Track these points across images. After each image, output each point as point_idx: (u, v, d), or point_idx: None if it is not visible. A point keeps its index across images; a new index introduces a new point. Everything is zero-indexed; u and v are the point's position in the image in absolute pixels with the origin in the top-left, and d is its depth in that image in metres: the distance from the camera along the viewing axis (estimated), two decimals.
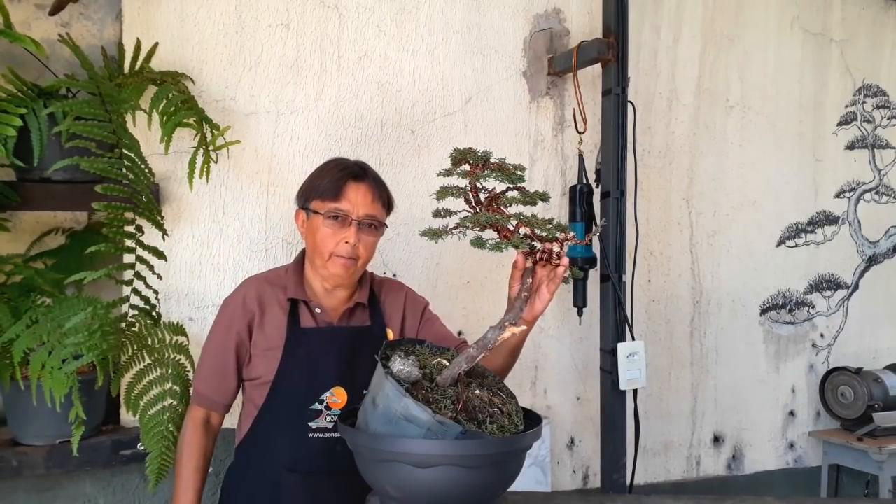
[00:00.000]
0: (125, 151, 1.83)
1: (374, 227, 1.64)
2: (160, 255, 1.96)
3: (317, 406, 1.59)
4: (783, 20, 3.23)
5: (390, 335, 1.73)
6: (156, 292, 1.99)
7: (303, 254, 1.72)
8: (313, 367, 1.60)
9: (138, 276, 1.92)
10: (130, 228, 1.86)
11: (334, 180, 1.61)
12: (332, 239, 1.59)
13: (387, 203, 1.69)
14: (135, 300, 1.94)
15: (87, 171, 1.74)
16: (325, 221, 1.59)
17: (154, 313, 2.00)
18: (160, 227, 1.99)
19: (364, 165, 1.68)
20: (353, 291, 1.70)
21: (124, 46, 2.08)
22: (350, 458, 1.27)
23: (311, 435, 1.58)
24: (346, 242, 1.59)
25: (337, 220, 1.59)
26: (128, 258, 1.91)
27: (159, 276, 1.99)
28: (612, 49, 2.42)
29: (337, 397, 1.60)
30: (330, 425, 1.59)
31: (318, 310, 1.66)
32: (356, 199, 1.60)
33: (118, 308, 1.89)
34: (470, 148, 1.26)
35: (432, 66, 2.54)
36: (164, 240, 2.04)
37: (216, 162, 2.10)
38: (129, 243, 1.86)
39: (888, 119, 3.51)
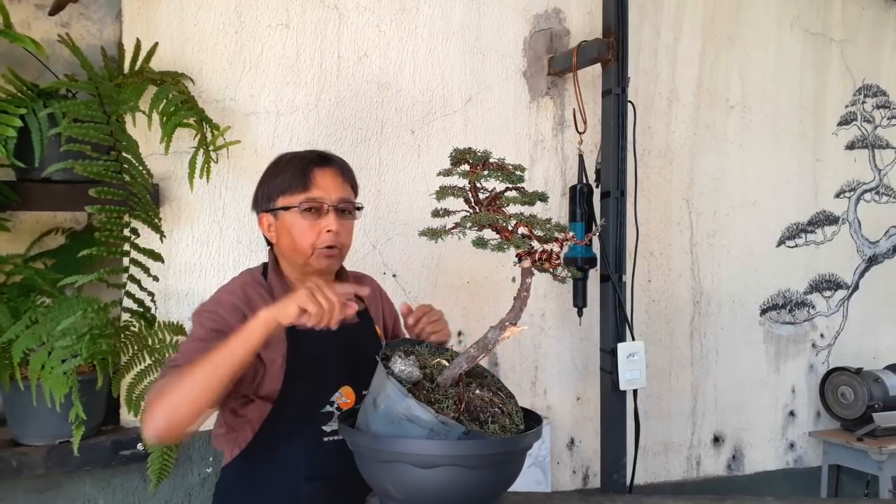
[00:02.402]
0: (123, 153, 1.83)
1: (349, 211, 1.58)
2: (157, 256, 1.95)
3: (328, 408, 1.54)
4: (783, 20, 3.23)
5: (378, 331, 1.71)
6: (151, 294, 1.97)
7: (274, 257, 1.64)
8: (319, 369, 1.55)
9: (132, 278, 1.91)
10: (126, 231, 1.85)
11: (298, 171, 1.54)
12: (312, 231, 1.52)
13: (354, 185, 1.63)
14: (130, 303, 1.93)
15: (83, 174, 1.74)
16: (301, 214, 1.52)
17: (149, 315, 1.98)
18: (157, 229, 1.98)
19: (322, 151, 1.61)
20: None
21: (124, 46, 2.08)
22: None
23: (325, 439, 1.53)
24: (329, 231, 1.52)
25: (312, 212, 1.52)
26: (124, 260, 1.91)
27: (155, 279, 1.98)
28: (612, 49, 2.42)
29: (346, 397, 1.56)
30: None
31: None
32: (326, 185, 1.54)
33: (115, 309, 1.89)
34: (470, 148, 1.26)
35: (432, 66, 2.54)
36: (161, 241, 2.04)
37: (216, 162, 2.10)
38: (125, 246, 1.86)
39: (888, 119, 3.52)
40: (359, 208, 1.62)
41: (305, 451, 1.52)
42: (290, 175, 1.54)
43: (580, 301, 2.58)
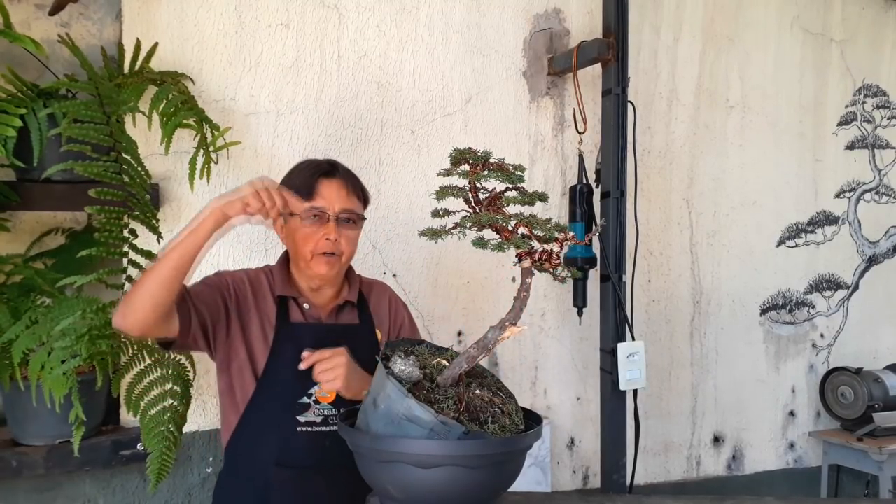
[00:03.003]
0: (122, 154, 1.82)
1: (353, 221, 1.65)
2: (153, 258, 1.95)
3: (305, 400, 1.59)
4: (783, 20, 3.23)
5: (378, 333, 1.75)
6: None
7: (286, 254, 1.74)
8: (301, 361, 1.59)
9: (130, 279, 1.91)
10: (125, 232, 1.85)
11: (305, 179, 1.63)
12: (313, 238, 1.60)
13: (362, 196, 1.70)
14: None
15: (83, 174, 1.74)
16: (303, 221, 1.60)
17: None
18: (154, 230, 1.98)
19: (334, 162, 1.69)
20: (339, 289, 1.72)
21: (124, 46, 2.08)
22: (339, 453, 1.27)
23: (299, 429, 1.58)
24: (327, 239, 1.60)
25: (315, 219, 1.60)
26: (123, 261, 1.90)
27: None
28: (612, 49, 2.42)
29: (325, 391, 1.60)
30: (318, 419, 1.59)
31: (306, 306, 1.68)
32: (330, 196, 1.62)
33: (114, 309, 1.88)
34: (470, 148, 1.26)
35: (432, 66, 2.54)
36: (158, 243, 2.03)
37: (216, 163, 2.10)
38: (124, 247, 1.86)
39: (888, 119, 3.52)
40: (362, 219, 1.69)
41: (278, 438, 1.58)
42: (299, 183, 1.62)
43: (580, 301, 2.58)
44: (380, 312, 1.79)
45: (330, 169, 1.66)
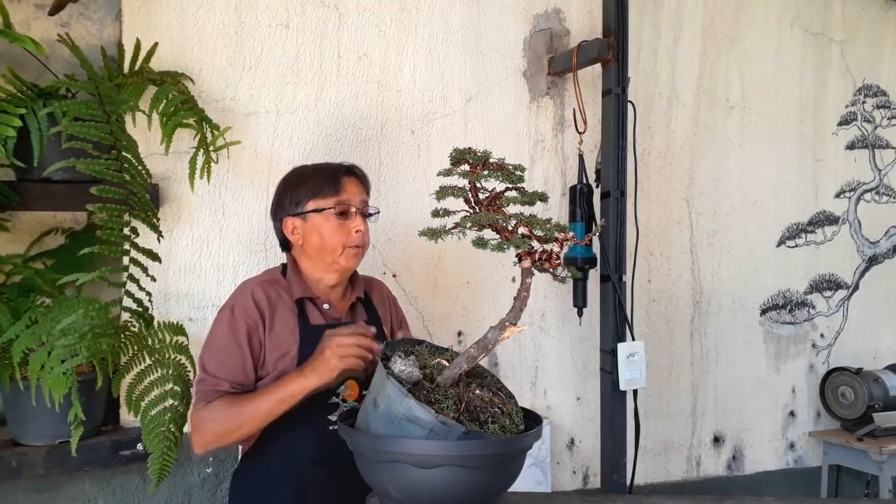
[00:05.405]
0: (122, 153, 1.82)
1: (371, 215, 1.74)
2: (154, 256, 1.95)
3: (334, 400, 1.64)
4: (783, 20, 3.23)
5: (385, 330, 1.80)
6: (149, 294, 1.97)
7: (293, 259, 1.77)
8: None
9: (131, 278, 1.90)
10: (126, 230, 1.85)
11: (329, 177, 1.70)
12: (342, 230, 1.66)
13: (370, 192, 1.81)
14: (129, 302, 1.93)
15: (84, 172, 1.74)
16: (334, 216, 1.66)
17: (147, 315, 1.98)
18: (155, 228, 1.98)
19: (345, 163, 1.78)
20: (346, 286, 1.78)
21: (124, 46, 2.08)
22: None
23: (331, 428, 1.62)
24: (358, 231, 1.67)
25: (341, 215, 1.67)
26: (124, 260, 1.90)
27: (153, 278, 1.97)
28: (612, 49, 2.42)
29: (350, 390, 1.66)
30: None
31: (326, 306, 1.72)
32: (353, 191, 1.70)
33: (115, 308, 1.88)
34: (470, 148, 1.26)
35: (432, 66, 2.54)
36: (159, 242, 2.03)
37: (216, 163, 2.10)
38: (125, 245, 1.86)
39: (888, 119, 3.51)
40: (378, 212, 1.78)
41: (313, 439, 1.62)
42: (322, 181, 1.69)
43: (580, 301, 2.58)
44: (381, 308, 1.85)
45: (349, 168, 1.75)
